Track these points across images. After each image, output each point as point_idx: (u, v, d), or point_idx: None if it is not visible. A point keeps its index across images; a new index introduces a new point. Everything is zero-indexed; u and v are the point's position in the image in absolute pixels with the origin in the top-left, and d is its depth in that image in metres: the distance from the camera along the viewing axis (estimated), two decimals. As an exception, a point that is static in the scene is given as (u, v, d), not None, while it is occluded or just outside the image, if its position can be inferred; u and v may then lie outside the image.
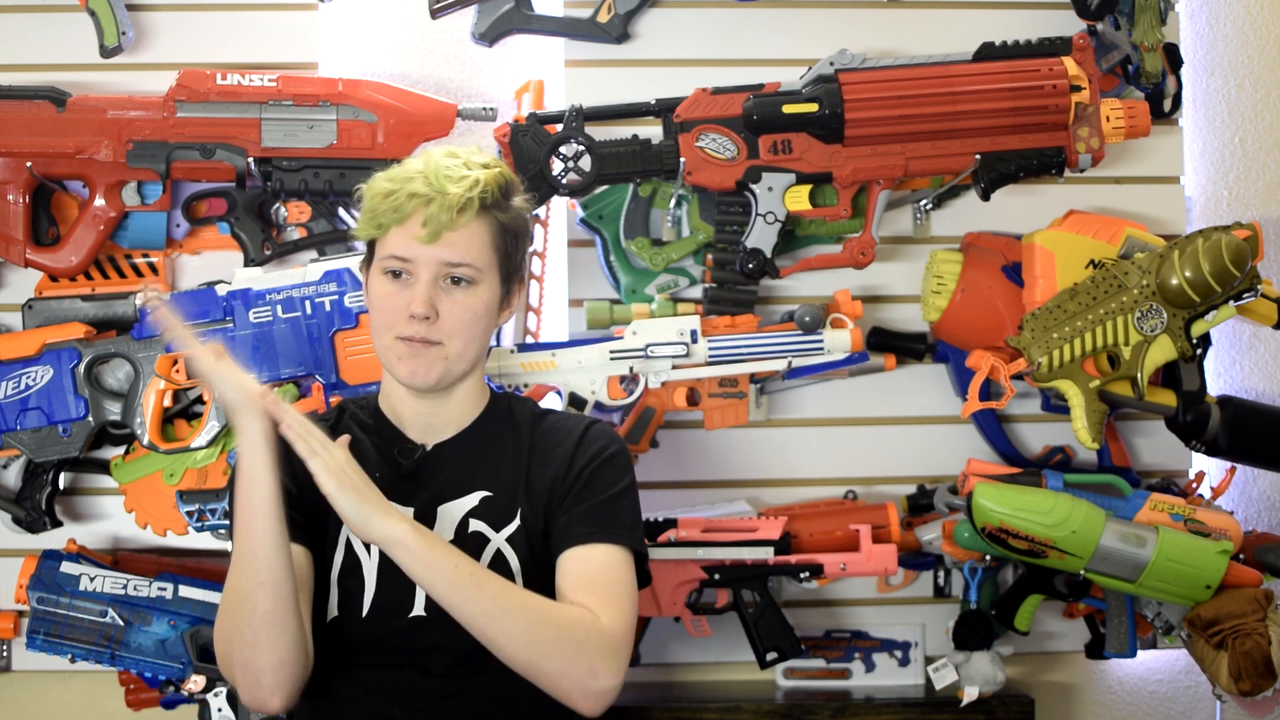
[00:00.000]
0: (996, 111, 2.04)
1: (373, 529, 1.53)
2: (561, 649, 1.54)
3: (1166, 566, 1.97)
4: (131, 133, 2.06)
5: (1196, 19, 2.35)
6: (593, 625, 1.57)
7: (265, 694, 1.54)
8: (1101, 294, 2.04)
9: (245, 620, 1.53)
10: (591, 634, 1.56)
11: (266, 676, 1.53)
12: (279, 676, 1.54)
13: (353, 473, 1.54)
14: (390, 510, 1.54)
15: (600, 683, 1.55)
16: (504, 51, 2.25)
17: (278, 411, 1.54)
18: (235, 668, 1.55)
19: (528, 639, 1.54)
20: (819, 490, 2.27)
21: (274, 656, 1.53)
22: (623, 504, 1.68)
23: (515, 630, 1.54)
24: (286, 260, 2.17)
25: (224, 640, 1.56)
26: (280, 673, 1.54)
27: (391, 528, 1.53)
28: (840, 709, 2.13)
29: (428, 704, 1.63)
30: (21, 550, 2.11)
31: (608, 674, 1.55)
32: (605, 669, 1.55)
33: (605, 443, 1.71)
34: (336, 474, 1.53)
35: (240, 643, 1.53)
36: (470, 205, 1.63)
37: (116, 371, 2.10)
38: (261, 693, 1.54)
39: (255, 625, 1.52)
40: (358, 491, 1.53)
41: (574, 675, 1.54)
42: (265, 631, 1.52)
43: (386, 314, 1.66)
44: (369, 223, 1.67)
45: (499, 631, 1.54)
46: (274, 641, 1.53)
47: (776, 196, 2.07)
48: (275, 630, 1.53)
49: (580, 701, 1.56)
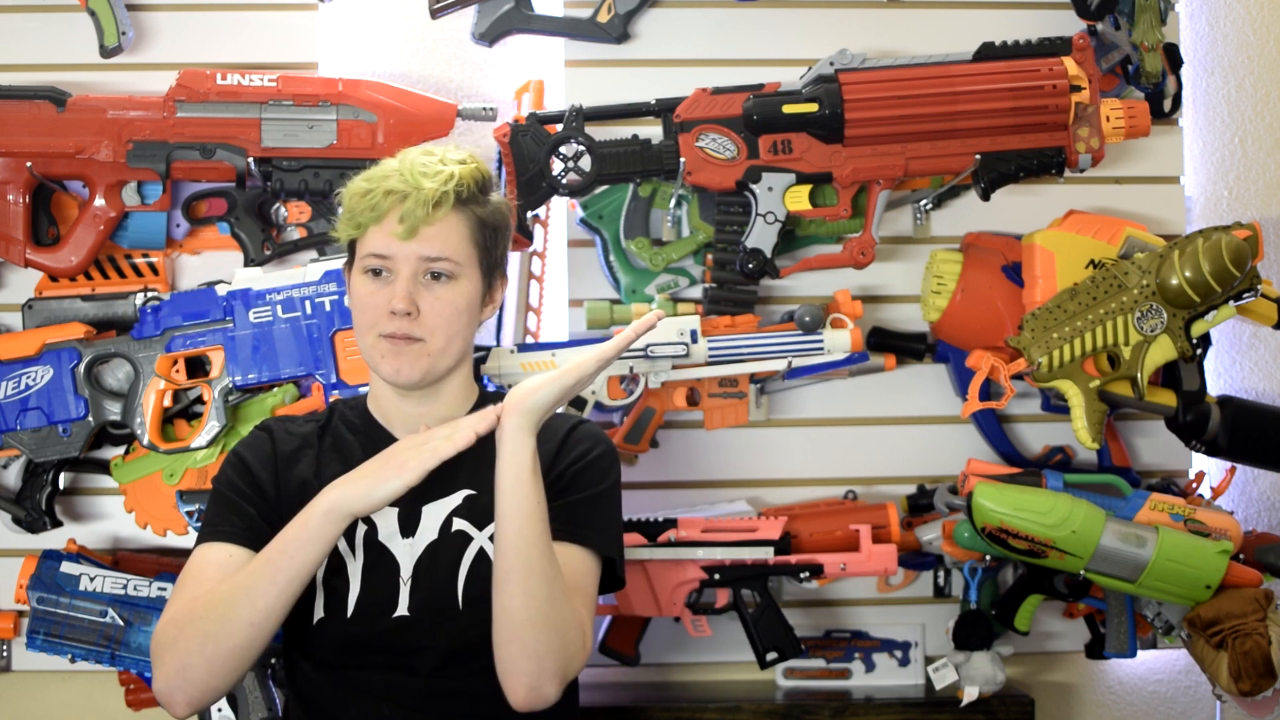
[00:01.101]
0: (996, 111, 2.04)
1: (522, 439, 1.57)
2: (551, 638, 1.53)
3: (1166, 566, 1.97)
4: (131, 133, 2.06)
5: (1196, 19, 2.35)
6: (578, 634, 1.57)
7: (182, 700, 1.54)
8: (1101, 294, 2.04)
9: (215, 636, 1.52)
10: (573, 643, 1.56)
11: (195, 691, 1.53)
12: (206, 697, 1.54)
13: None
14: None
15: (550, 689, 1.54)
16: (504, 51, 2.25)
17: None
18: (169, 659, 1.53)
19: (539, 610, 1.52)
20: (819, 490, 2.27)
21: (215, 680, 1.53)
22: (598, 507, 1.68)
23: (536, 594, 1.53)
24: (286, 260, 2.17)
25: (176, 630, 1.54)
26: (208, 695, 1.54)
27: (526, 441, 1.57)
28: (840, 709, 2.13)
29: (416, 704, 1.63)
30: (21, 550, 2.11)
31: (560, 684, 1.55)
32: (561, 679, 1.54)
33: (591, 444, 1.71)
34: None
35: (195, 649, 1.52)
36: (446, 199, 1.63)
37: (116, 371, 2.10)
38: (179, 696, 1.53)
39: (220, 651, 1.52)
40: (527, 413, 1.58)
41: (540, 668, 1.53)
42: (225, 660, 1.52)
43: (368, 312, 1.66)
44: (348, 223, 1.68)
45: (523, 585, 1.52)
46: (226, 671, 1.53)
47: (776, 196, 2.07)
48: (233, 664, 1.53)
49: (524, 694, 1.53)
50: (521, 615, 1.53)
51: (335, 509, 1.55)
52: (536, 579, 1.53)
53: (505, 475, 1.56)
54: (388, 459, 1.58)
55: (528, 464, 1.56)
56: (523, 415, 1.57)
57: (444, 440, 1.57)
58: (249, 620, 1.53)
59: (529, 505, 1.55)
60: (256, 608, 1.53)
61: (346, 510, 1.55)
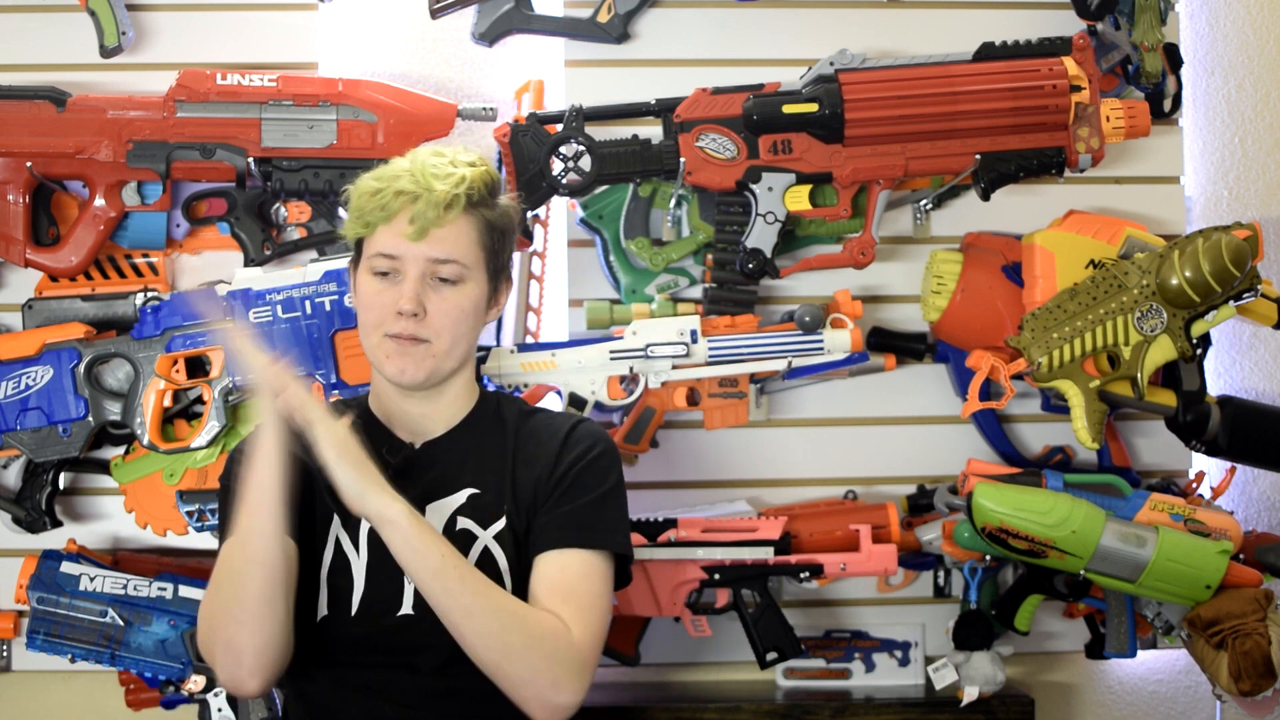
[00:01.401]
0: (996, 111, 2.04)
1: (368, 503, 1.54)
2: (530, 657, 1.54)
3: (1166, 566, 1.97)
4: (131, 133, 2.06)
5: (1196, 19, 2.35)
6: (563, 638, 1.57)
7: (245, 674, 1.55)
8: (1101, 294, 2.04)
9: (235, 598, 1.54)
10: (561, 647, 1.56)
11: (248, 657, 1.54)
12: (261, 659, 1.55)
13: (353, 446, 1.55)
14: (387, 489, 1.55)
15: (561, 697, 1.55)
16: (504, 51, 2.25)
17: (283, 381, 1.55)
18: (217, 646, 1.56)
19: (499, 641, 1.54)
20: (819, 490, 2.26)
21: (259, 638, 1.54)
22: (606, 506, 1.68)
23: (488, 631, 1.54)
24: (286, 260, 2.17)
25: (209, 617, 1.58)
26: (263, 655, 1.55)
27: (387, 505, 1.53)
28: (840, 709, 2.13)
29: (418, 702, 1.63)
30: (21, 550, 2.11)
31: (571, 689, 1.55)
32: (569, 683, 1.55)
33: (591, 443, 1.71)
34: (337, 444, 1.54)
35: (227, 619, 1.55)
36: (457, 202, 1.63)
37: (116, 371, 2.10)
38: (241, 672, 1.55)
39: (245, 603, 1.54)
40: (356, 465, 1.54)
41: (537, 685, 1.54)
42: (254, 610, 1.54)
43: (375, 312, 1.66)
44: (356, 222, 1.67)
45: (472, 629, 1.54)
46: (260, 623, 1.54)
47: (776, 196, 2.07)
48: (263, 611, 1.54)
49: (538, 712, 1.56)
50: (488, 655, 1.55)
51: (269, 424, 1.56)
52: (479, 619, 1.54)
53: (395, 547, 1.54)
54: None
55: (407, 523, 1.53)
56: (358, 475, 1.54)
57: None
58: (255, 560, 1.54)
59: (434, 560, 1.54)
60: (256, 547, 1.54)
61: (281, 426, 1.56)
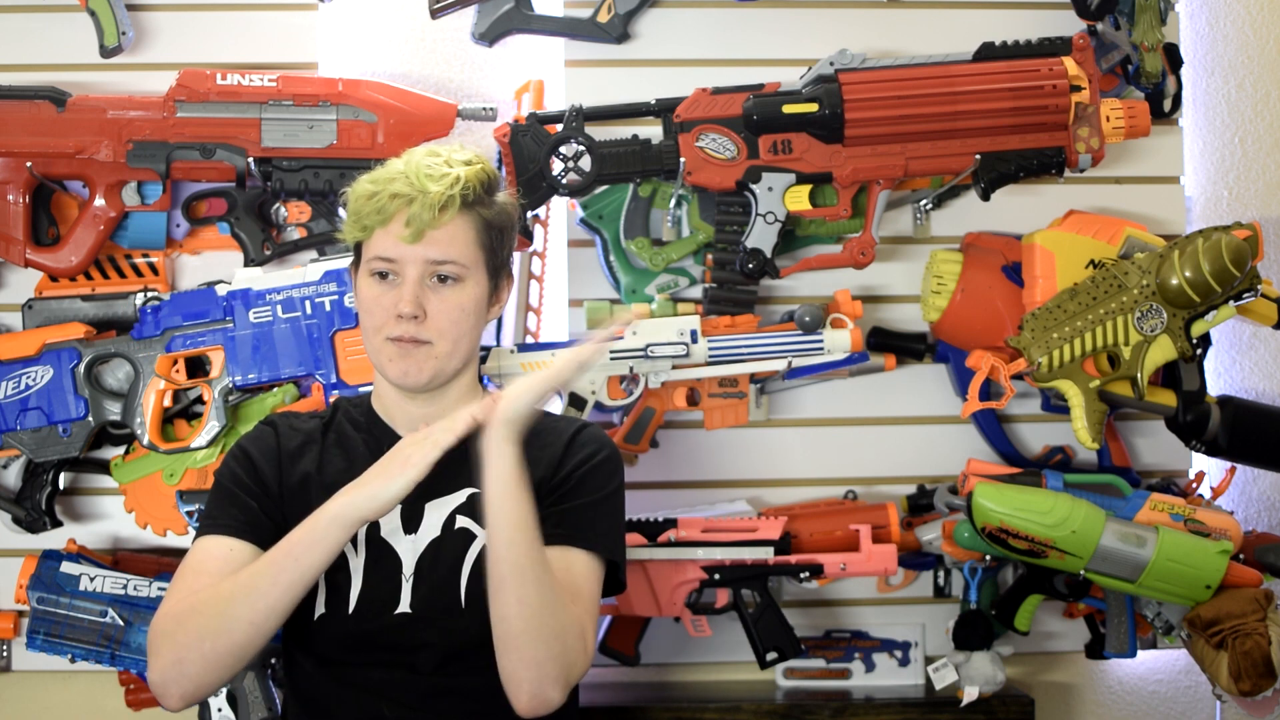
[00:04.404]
0: (996, 111, 2.04)
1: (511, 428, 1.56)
2: (551, 645, 1.53)
3: (1166, 566, 1.97)
4: (131, 133, 2.06)
5: (1196, 19, 2.35)
6: (579, 639, 1.57)
7: (174, 691, 1.54)
8: (1101, 294, 2.04)
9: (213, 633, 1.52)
10: (575, 646, 1.56)
11: (189, 685, 1.53)
12: (201, 692, 1.54)
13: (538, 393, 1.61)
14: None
15: (555, 693, 1.54)
16: (504, 51, 2.25)
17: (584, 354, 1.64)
18: (166, 652, 1.54)
19: (534, 615, 1.52)
20: (819, 490, 2.26)
21: (206, 676, 1.53)
22: (603, 510, 1.68)
23: (529, 600, 1.52)
24: (286, 260, 2.17)
25: (174, 620, 1.54)
26: (203, 690, 1.54)
27: (512, 443, 1.56)
28: (840, 709, 2.13)
29: (416, 701, 1.63)
30: (21, 550, 2.11)
31: (564, 689, 1.55)
32: (567, 683, 1.55)
33: (596, 447, 1.71)
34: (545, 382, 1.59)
35: (190, 642, 1.52)
36: (452, 203, 1.63)
37: (116, 371, 2.10)
38: (170, 688, 1.53)
39: (219, 646, 1.52)
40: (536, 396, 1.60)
41: (542, 673, 1.53)
42: (220, 654, 1.52)
43: (375, 315, 1.66)
44: (354, 225, 1.67)
45: (516, 593, 1.52)
46: (219, 665, 1.53)
47: (776, 196, 2.07)
48: (227, 661, 1.53)
49: (527, 701, 1.54)
50: (518, 624, 1.53)
51: (343, 515, 1.55)
52: (530, 587, 1.53)
53: (492, 485, 1.55)
54: (391, 458, 1.58)
55: (513, 473, 1.55)
56: (507, 425, 1.56)
57: (444, 431, 1.57)
58: (249, 620, 1.53)
59: (518, 514, 1.54)
60: (258, 608, 1.53)
61: (355, 516, 1.55)
